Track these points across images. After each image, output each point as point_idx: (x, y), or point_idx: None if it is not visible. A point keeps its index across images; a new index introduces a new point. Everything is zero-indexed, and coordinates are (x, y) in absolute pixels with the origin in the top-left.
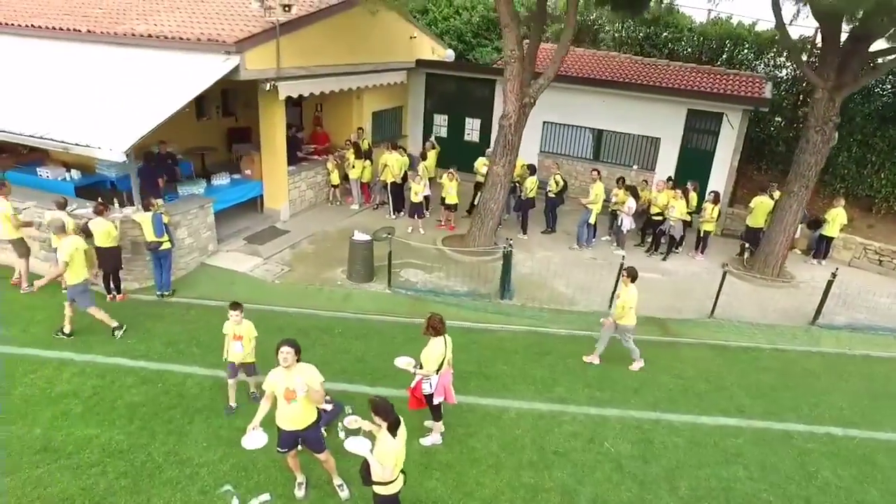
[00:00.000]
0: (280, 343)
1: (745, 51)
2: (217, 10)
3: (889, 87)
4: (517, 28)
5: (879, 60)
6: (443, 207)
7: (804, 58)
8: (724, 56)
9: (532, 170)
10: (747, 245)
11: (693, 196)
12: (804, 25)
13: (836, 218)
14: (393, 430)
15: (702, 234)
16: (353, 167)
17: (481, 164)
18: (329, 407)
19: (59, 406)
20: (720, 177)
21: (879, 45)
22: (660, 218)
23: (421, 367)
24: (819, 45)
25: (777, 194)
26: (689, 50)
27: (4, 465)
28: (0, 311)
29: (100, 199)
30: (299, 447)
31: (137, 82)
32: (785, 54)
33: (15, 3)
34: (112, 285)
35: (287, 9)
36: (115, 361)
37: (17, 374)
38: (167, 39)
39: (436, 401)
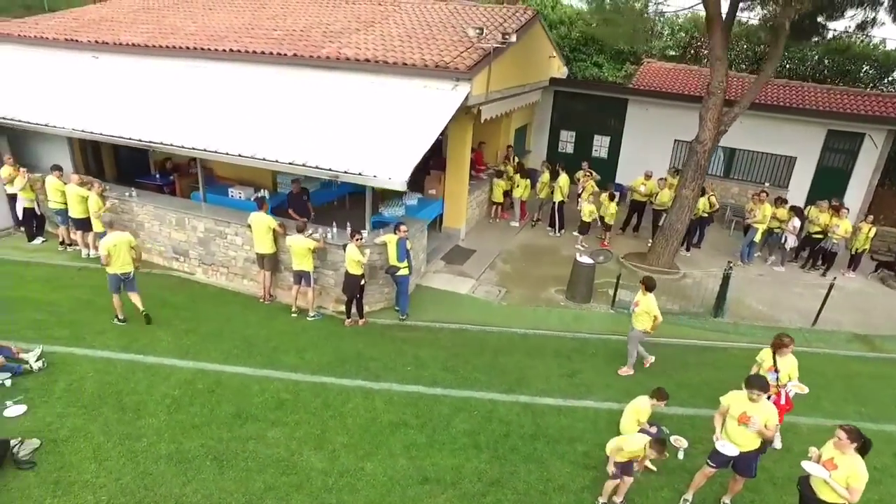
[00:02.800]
0: (746, 383)
1: (869, 69)
2: (406, 31)
3: None
4: (727, 61)
5: None
6: (601, 226)
7: None
8: (845, 75)
9: (702, 191)
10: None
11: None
12: None
13: None
14: (864, 452)
15: (853, 253)
16: (518, 185)
17: (638, 183)
18: (654, 430)
19: (400, 436)
20: (857, 195)
21: None
22: (820, 236)
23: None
24: None
25: None
26: (804, 67)
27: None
28: (261, 335)
29: (353, 228)
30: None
31: (371, 108)
32: None
33: (182, 28)
34: (354, 309)
35: (506, 36)
36: (415, 389)
37: (332, 402)
38: (387, 64)
39: None
